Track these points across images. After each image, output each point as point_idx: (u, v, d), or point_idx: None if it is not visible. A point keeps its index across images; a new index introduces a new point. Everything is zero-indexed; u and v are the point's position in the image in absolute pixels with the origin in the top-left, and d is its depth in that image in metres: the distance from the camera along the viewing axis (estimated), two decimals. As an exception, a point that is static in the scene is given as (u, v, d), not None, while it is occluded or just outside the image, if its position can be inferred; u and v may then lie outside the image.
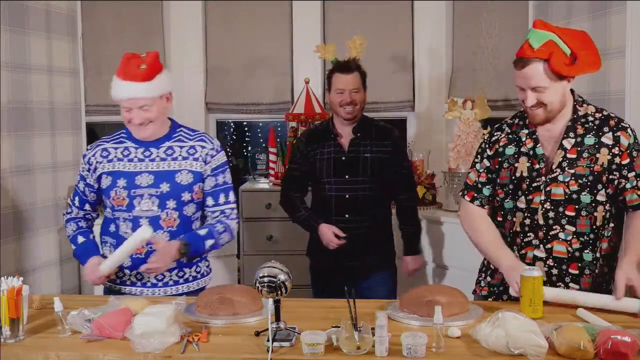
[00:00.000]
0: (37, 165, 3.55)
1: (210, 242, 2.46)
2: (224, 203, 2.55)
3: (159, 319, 1.86)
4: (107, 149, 2.54)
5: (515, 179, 2.27)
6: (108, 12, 4.45)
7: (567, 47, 2.11)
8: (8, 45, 3.31)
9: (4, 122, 3.28)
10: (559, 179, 2.20)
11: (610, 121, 2.22)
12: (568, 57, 2.12)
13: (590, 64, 2.15)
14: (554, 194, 2.20)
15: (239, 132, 5.21)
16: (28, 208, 3.48)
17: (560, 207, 2.20)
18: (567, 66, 2.11)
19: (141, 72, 2.38)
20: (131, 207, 2.46)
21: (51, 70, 3.68)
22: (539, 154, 2.24)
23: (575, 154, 2.20)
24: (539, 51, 2.10)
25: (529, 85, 2.15)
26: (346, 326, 1.78)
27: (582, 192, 2.18)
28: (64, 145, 3.82)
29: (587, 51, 2.15)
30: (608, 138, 2.19)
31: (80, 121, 4.04)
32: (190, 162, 2.50)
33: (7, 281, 1.92)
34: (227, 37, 4.61)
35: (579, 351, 1.69)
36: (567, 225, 2.21)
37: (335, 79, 3.10)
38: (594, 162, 2.18)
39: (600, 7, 3.19)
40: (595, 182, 2.18)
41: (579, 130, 2.22)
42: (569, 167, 2.19)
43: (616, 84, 3.09)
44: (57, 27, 3.73)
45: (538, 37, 2.11)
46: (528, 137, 2.28)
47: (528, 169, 2.25)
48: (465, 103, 3.88)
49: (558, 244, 2.22)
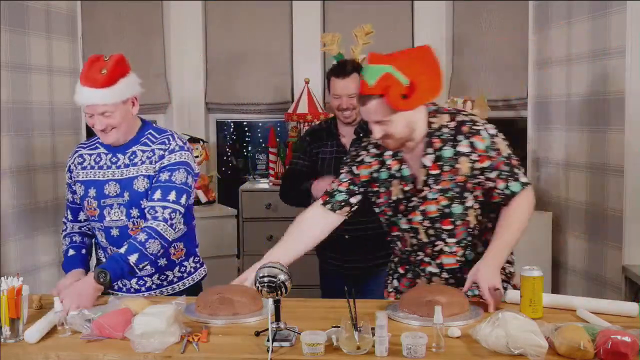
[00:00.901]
0: (37, 165, 3.55)
1: (134, 257, 2.23)
2: (158, 199, 2.32)
3: (159, 319, 1.85)
4: (83, 156, 2.48)
5: (392, 202, 2.28)
6: (108, 12, 4.45)
7: (405, 77, 2.06)
8: (8, 45, 3.31)
9: (4, 122, 3.28)
10: (429, 196, 2.20)
11: (463, 127, 2.18)
12: (406, 87, 2.06)
13: (429, 90, 2.10)
14: (429, 211, 2.21)
15: (239, 132, 5.21)
16: (28, 208, 3.47)
17: (437, 223, 2.22)
18: (403, 100, 2.06)
19: (102, 77, 2.27)
20: (102, 217, 2.41)
21: (51, 70, 3.68)
22: (406, 175, 2.23)
23: (438, 169, 2.18)
24: (375, 87, 2.05)
25: (371, 120, 2.13)
26: (346, 326, 1.78)
27: (452, 204, 2.19)
28: (64, 145, 3.82)
29: (427, 75, 2.10)
30: (464, 146, 2.16)
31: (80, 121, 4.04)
32: (146, 166, 2.38)
33: (7, 281, 1.92)
34: (227, 37, 4.62)
35: (579, 351, 1.69)
36: (447, 238, 2.23)
37: (332, 83, 3.04)
38: (455, 173, 2.17)
39: (600, 7, 3.19)
40: (462, 192, 2.18)
41: (436, 144, 2.18)
42: (435, 184, 2.19)
43: (616, 84, 3.10)
44: (57, 27, 3.73)
45: (372, 73, 2.07)
46: (393, 159, 2.26)
47: (401, 191, 2.25)
48: (465, 103, 3.89)
49: (446, 257, 2.25)
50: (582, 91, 3.40)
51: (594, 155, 3.31)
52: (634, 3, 2.97)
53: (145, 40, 4.51)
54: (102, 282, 2.18)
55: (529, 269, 2.06)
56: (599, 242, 3.30)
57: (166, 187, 2.34)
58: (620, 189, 3.09)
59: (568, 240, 3.61)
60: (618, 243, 3.12)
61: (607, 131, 3.19)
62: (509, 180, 2.16)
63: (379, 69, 2.07)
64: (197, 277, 2.62)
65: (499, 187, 2.16)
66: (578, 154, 3.46)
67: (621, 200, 3.09)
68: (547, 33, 3.74)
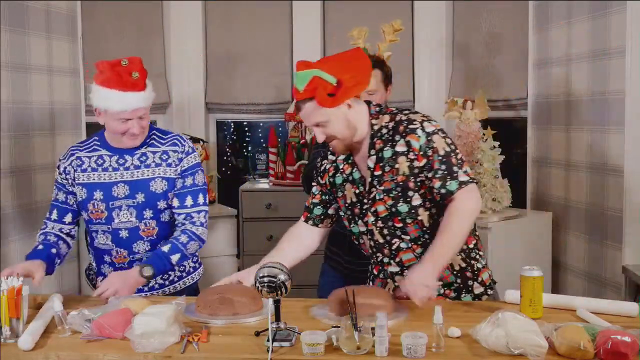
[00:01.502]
0: (37, 165, 3.55)
1: (176, 257, 2.38)
2: (191, 205, 2.45)
3: (159, 319, 1.85)
4: (81, 158, 2.47)
5: (349, 205, 2.30)
6: (108, 12, 4.45)
7: (332, 76, 2.11)
8: (8, 45, 3.31)
9: (4, 122, 3.28)
10: (377, 197, 2.22)
11: (400, 127, 2.19)
12: (334, 87, 2.12)
13: (354, 86, 2.14)
14: (379, 211, 2.22)
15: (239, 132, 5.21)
16: (28, 208, 3.47)
17: (389, 222, 2.23)
18: (330, 98, 2.11)
19: (137, 80, 2.32)
20: (110, 219, 2.42)
21: (51, 70, 3.68)
22: (356, 178, 2.27)
23: (380, 170, 2.20)
24: (305, 92, 2.12)
25: (310, 123, 2.19)
26: (346, 326, 1.78)
27: (397, 204, 2.19)
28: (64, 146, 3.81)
29: (353, 72, 2.14)
30: (401, 145, 2.17)
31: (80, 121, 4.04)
32: (163, 168, 2.43)
33: (7, 281, 1.92)
34: (227, 37, 4.62)
35: (579, 351, 1.69)
36: (402, 235, 2.23)
37: None
38: (395, 173, 2.18)
39: (600, 7, 3.19)
40: (405, 192, 2.18)
41: (378, 145, 2.21)
42: (379, 185, 2.21)
43: (616, 84, 3.10)
44: (57, 27, 3.73)
45: (301, 79, 2.13)
46: (345, 163, 2.31)
47: (354, 195, 2.28)
48: (465, 103, 3.88)
49: (404, 253, 2.25)
50: (582, 91, 3.40)
51: (594, 155, 3.31)
52: (634, 3, 2.97)
53: (145, 40, 4.51)
54: (146, 276, 2.30)
55: (529, 269, 2.06)
56: (599, 242, 3.30)
57: (193, 191, 2.45)
58: (620, 189, 3.09)
59: (568, 240, 3.61)
60: (618, 243, 3.12)
61: (607, 131, 3.19)
62: (446, 179, 2.14)
63: (306, 74, 2.12)
64: (196, 277, 2.63)
65: (435, 186, 2.15)
66: (578, 154, 3.46)
67: (621, 200, 3.09)
68: (547, 33, 3.74)
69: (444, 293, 2.25)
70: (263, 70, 4.61)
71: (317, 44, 4.54)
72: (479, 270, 2.29)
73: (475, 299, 2.28)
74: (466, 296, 2.27)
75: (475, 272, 2.28)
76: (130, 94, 2.31)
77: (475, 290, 2.27)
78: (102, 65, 2.35)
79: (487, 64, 4.30)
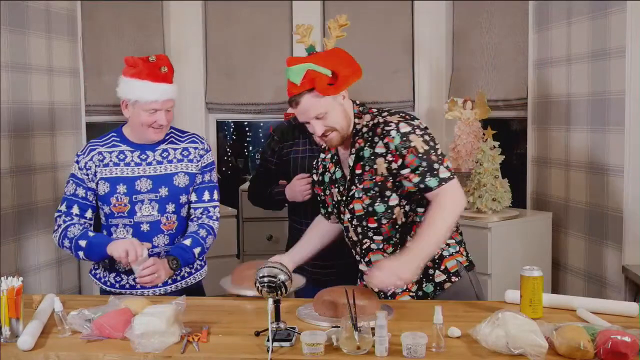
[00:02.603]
0: (37, 165, 3.55)
1: (197, 250, 2.49)
2: (208, 200, 2.57)
3: (159, 319, 1.86)
4: (102, 153, 2.50)
5: (335, 203, 2.35)
6: (108, 12, 4.45)
7: (326, 68, 2.16)
8: (8, 45, 3.31)
9: (4, 122, 3.28)
10: (355, 195, 2.25)
11: (377, 129, 2.21)
12: (330, 78, 2.16)
13: (351, 75, 2.20)
14: (356, 210, 2.25)
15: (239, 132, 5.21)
16: (28, 208, 3.48)
17: (363, 222, 2.26)
18: (331, 87, 2.16)
19: (166, 74, 2.43)
20: (132, 213, 2.46)
21: (51, 70, 3.68)
22: (339, 177, 2.32)
23: (360, 169, 2.23)
24: (303, 84, 2.15)
25: (310, 117, 2.20)
26: (346, 326, 1.78)
27: (374, 203, 2.22)
28: (64, 145, 3.82)
29: (344, 65, 2.20)
30: (380, 147, 2.20)
31: (80, 121, 4.04)
32: (185, 164, 2.52)
33: (7, 281, 1.92)
34: (227, 37, 4.61)
35: (579, 351, 1.69)
36: (374, 236, 2.26)
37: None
38: (374, 173, 2.21)
39: (600, 7, 3.19)
40: (383, 191, 2.21)
41: (359, 143, 2.24)
42: (359, 183, 2.23)
43: (616, 84, 3.10)
44: (57, 27, 3.74)
45: (296, 73, 2.15)
46: (330, 162, 2.38)
47: (338, 193, 2.33)
48: (465, 103, 3.88)
49: (373, 254, 2.28)
50: (582, 91, 3.40)
51: (594, 155, 3.31)
52: (634, 3, 2.97)
53: (145, 40, 4.51)
54: (173, 268, 2.42)
55: (529, 269, 2.06)
56: (599, 242, 3.30)
57: (210, 187, 2.58)
58: (620, 189, 3.09)
59: (568, 240, 3.61)
60: (618, 243, 3.12)
61: (607, 131, 3.19)
62: (426, 176, 2.14)
63: (300, 68, 2.15)
64: (203, 274, 2.67)
65: (413, 181, 2.16)
66: (578, 154, 3.46)
67: (621, 200, 3.09)
68: (547, 33, 3.74)
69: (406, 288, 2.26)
70: (263, 70, 4.61)
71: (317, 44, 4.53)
72: (442, 259, 2.28)
73: (437, 287, 2.27)
74: (427, 285, 2.27)
75: (437, 260, 2.27)
76: (162, 85, 2.41)
77: (436, 278, 2.27)
78: (132, 60, 2.43)
79: (487, 64, 4.29)
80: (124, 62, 2.45)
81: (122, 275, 2.51)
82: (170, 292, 2.52)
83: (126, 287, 2.52)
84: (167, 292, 2.52)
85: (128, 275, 2.50)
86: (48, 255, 3.66)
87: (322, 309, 2.07)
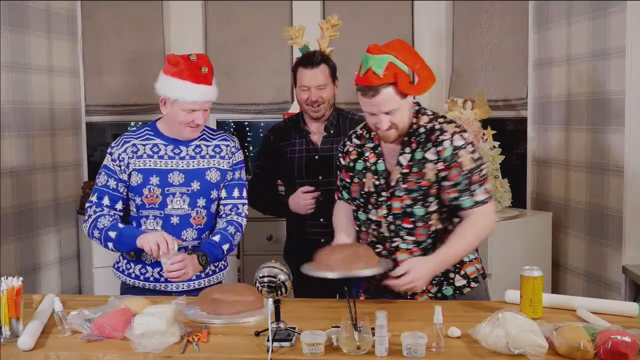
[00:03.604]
0: (37, 165, 3.55)
1: (226, 246, 2.50)
2: (238, 197, 2.59)
3: (159, 319, 1.85)
4: (136, 145, 2.52)
5: (365, 193, 2.31)
6: (108, 12, 4.45)
7: (405, 65, 2.13)
8: (8, 45, 3.32)
9: (4, 122, 3.28)
10: (396, 193, 2.23)
11: (432, 135, 2.21)
12: (408, 75, 2.14)
13: (428, 78, 2.16)
14: (394, 207, 2.24)
15: (240, 132, 5.21)
16: (28, 208, 3.48)
17: (398, 220, 2.25)
18: (411, 86, 2.14)
19: (207, 75, 2.45)
20: (164, 205, 2.48)
21: (51, 70, 3.68)
22: (380, 170, 2.28)
23: (408, 169, 2.22)
24: (385, 77, 2.10)
25: (381, 110, 2.15)
26: (346, 326, 1.78)
27: (414, 205, 2.21)
28: (64, 145, 3.82)
29: (419, 64, 2.16)
30: (432, 153, 2.19)
31: (80, 121, 4.05)
32: (217, 160, 2.54)
33: (7, 281, 1.92)
34: (227, 37, 4.61)
35: (579, 351, 1.69)
36: (406, 236, 2.25)
37: (300, 74, 2.83)
38: (422, 177, 2.20)
39: (600, 7, 3.19)
40: (426, 196, 2.21)
41: (413, 144, 2.23)
42: (403, 182, 2.22)
43: (616, 84, 3.10)
44: (57, 27, 3.74)
45: (379, 62, 2.10)
46: (372, 152, 2.32)
47: (373, 185, 2.29)
48: (465, 103, 3.88)
49: (401, 253, 2.27)
50: (582, 91, 3.40)
51: (594, 155, 3.31)
52: (634, 3, 2.97)
53: (145, 40, 4.51)
54: (203, 264, 2.42)
55: (529, 269, 2.06)
56: (599, 242, 3.30)
57: (240, 184, 2.61)
58: (620, 189, 3.09)
59: (568, 240, 3.61)
60: (618, 243, 3.12)
61: (607, 131, 3.19)
62: (462, 194, 2.18)
63: (383, 59, 2.10)
64: (225, 274, 2.67)
65: (450, 195, 2.19)
66: (578, 154, 3.46)
67: (621, 200, 3.09)
68: (547, 33, 3.74)
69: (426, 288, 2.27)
70: (263, 70, 4.61)
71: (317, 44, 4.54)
72: (462, 264, 2.30)
73: (456, 291, 2.29)
74: (447, 288, 2.29)
75: (457, 265, 2.29)
76: (202, 87, 2.43)
77: (456, 282, 2.29)
78: (174, 58, 2.45)
79: (487, 64, 4.29)
80: (166, 60, 2.47)
81: (147, 268, 2.51)
82: (193, 288, 2.52)
83: (150, 279, 2.51)
84: (190, 288, 2.52)
85: (154, 267, 2.49)
86: (48, 255, 3.67)
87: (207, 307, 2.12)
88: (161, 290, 2.50)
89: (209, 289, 2.26)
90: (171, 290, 2.50)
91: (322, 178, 2.84)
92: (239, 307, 2.11)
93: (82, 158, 4.10)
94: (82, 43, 4.07)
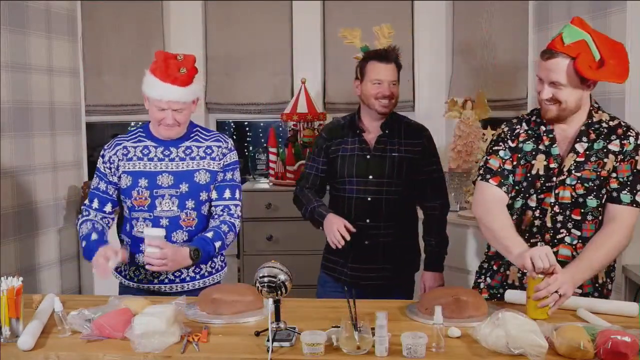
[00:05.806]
0: (37, 165, 3.55)
1: (218, 244, 2.47)
2: (229, 198, 2.55)
3: (159, 319, 1.85)
4: (127, 147, 2.53)
5: (530, 176, 2.25)
6: (108, 12, 4.45)
7: (598, 51, 2.10)
8: (8, 45, 3.32)
9: (4, 122, 3.28)
10: (567, 182, 2.19)
11: (618, 129, 2.21)
12: (596, 62, 2.10)
13: (616, 74, 2.13)
14: (562, 197, 2.20)
15: (239, 132, 5.21)
16: (28, 208, 3.48)
17: (567, 211, 2.20)
18: (591, 69, 2.09)
19: (182, 76, 2.44)
20: (153, 207, 2.48)
21: (51, 70, 3.68)
22: (555, 153, 2.23)
23: (584, 158, 2.19)
24: (569, 47, 2.09)
25: (548, 78, 2.14)
26: (346, 326, 1.78)
27: (588, 195, 2.18)
28: (64, 145, 3.82)
29: (617, 61, 2.13)
30: (615, 145, 2.19)
31: (80, 121, 4.05)
32: (207, 161, 2.52)
33: (7, 281, 1.92)
34: (227, 37, 4.62)
35: (579, 351, 1.69)
36: (573, 229, 2.21)
37: (372, 68, 2.75)
38: (601, 166, 2.18)
39: (600, 7, 3.19)
40: (602, 187, 2.18)
41: (591, 135, 2.21)
42: (576, 171, 2.19)
43: (616, 84, 3.09)
44: (57, 27, 3.74)
45: (572, 34, 2.09)
46: (545, 135, 2.26)
47: (544, 168, 2.23)
48: (465, 103, 3.88)
49: (564, 247, 2.21)
50: (582, 91, 3.39)
51: (594, 155, 3.31)
52: (634, 3, 2.97)
53: (145, 40, 4.51)
54: (194, 259, 2.39)
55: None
56: (599, 242, 3.29)
57: (232, 186, 2.57)
58: (621, 189, 3.08)
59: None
60: (618, 243, 3.11)
61: (607, 131, 3.18)
62: (624, 188, 2.17)
63: (578, 33, 2.10)
64: (222, 275, 2.66)
65: (611, 186, 2.17)
66: (578, 154, 3.45)
67: (621, 200, 3.08)
68: (547, 33, 3.73)
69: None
70: (263, 70, 4.61)
71: (317, 44, 4.54)
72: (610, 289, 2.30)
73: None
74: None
75: (610, 289, 2.29)
76: (168, 86, 2.42)
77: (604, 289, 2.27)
78: (159, 54, 2.47)
79: (487, 64, 4.29)
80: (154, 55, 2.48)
81: (140, 270, 2.52)
82: (188, 289, 2.52)
83: (143, 281, 2.52)
84: (185, 289, 2.52)
85: (147, 270, 2.48)
86: (48, 255, 3.67)
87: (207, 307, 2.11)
88: (155, 291, 2.50)
89: (209, 289, 2.26)
90: (165, 291, 2.50)
91: (373, 178, 2.76)
92: (239, 307, 2.12)
93: (82, 158, 4.10)
94: (82, 43, 4.07)
